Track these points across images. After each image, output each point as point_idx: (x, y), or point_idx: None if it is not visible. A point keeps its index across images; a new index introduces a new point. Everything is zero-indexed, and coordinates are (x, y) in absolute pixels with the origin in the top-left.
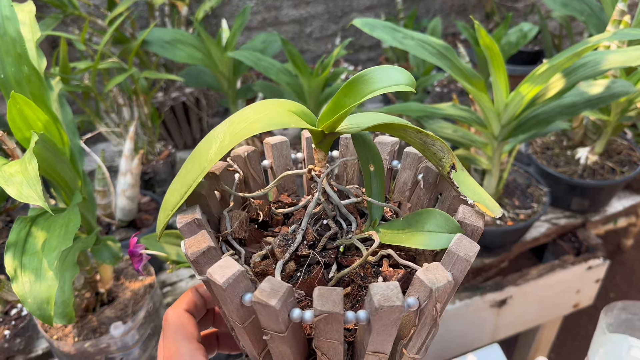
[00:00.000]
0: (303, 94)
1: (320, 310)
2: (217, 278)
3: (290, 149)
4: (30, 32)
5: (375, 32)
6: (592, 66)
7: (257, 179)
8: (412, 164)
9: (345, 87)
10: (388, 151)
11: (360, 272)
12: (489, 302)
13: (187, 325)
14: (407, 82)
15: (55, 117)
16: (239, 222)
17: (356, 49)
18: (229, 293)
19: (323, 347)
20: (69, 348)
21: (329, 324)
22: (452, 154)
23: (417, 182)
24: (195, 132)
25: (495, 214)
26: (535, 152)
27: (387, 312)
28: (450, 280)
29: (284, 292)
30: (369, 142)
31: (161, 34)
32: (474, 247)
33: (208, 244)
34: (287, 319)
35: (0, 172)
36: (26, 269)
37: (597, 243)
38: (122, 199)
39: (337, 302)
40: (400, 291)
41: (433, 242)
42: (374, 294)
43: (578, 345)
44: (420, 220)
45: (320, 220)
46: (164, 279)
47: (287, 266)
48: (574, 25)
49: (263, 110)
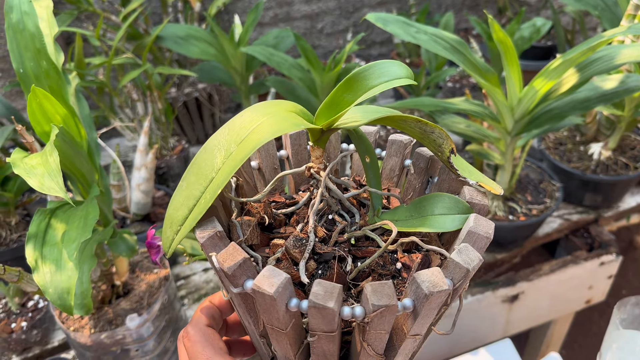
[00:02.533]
0: (315, 89)
1: (378, 305)
2: (266, 289)
3: (275, 148)
4: (48, 27)
5: (389, 26)
6: (606, 61)
7: (249, 181)
8: (399, 151)
9: (345, 83)
10: (371, 140)
11: (380, 261)
12: (500, 297)
13: (215, 341)
14: (406, 75)
15: (73, 111)
16: (251, 228)
17: (368, 45)
18: (278, 301)
19: (371, 338)
20: (85, 339)
21: (383, 316)
22: (450, 139)
23: (403, 167)
24: (208, 128)
25: (498, 191)
26: (548, 148)
27: (436, 297)
28: (481, 258)
29: (338, 293)
30: (361, 135)
31: (175, 30)
32: (490, 224)
33: (243, 256)
34: (339, 319)
35: (22, 164)
36: (47, 260)
37: (610, 239)
38: (136, 193)
39: (391, 295)
40: (444, 276)
41: (447, 224)
42: (421, 282)
43: (590, 341)
44: (428, 205)
45: (324, 216)
46: (178, 272)
47: (309, 265)
48: (587, 20)
49: (264, 114)
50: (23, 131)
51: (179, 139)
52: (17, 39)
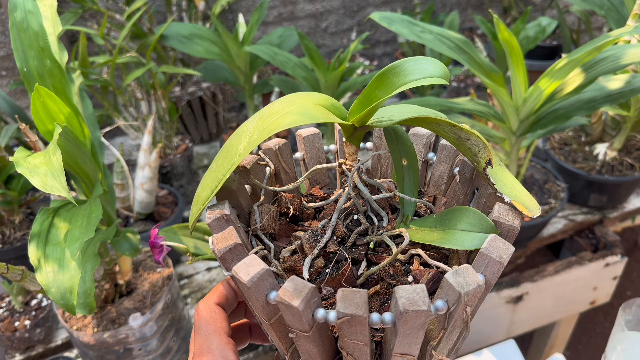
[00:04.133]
0: (319, 88)
1: (344, 313)
2: (241, 276)
3: (322, 141)
4: (52, 25)
5: (393, 25)
6: (612, 61)
7: (289, 172)
8: (448, 157)
9: (376, 80)
10: (423, 143)
11: (390, 270)
12: (505, 298)
13: (218, 319)
14: (440, 74)
15: (77, 110)
16: (269, 216)
17: (372, 44)
18: (253, 291)
19: (348, 347)
20: (88, 338)
21: (352, 326)
22: (488, 148)
23: (453, 176)
24: (212, 127)
25: (532, 214)
26: (553, 148)
27: (412, 317)
28: (480, 284)
29: (308, 292)
30: (401, 135)
31: (179, 29)
32: (507, 248)
33: (235, 241)
34: (311, 319)
35: (25, 163)
36: (49, 259)
37: (615, 240)
38: (140, 192)
39: (360, 304)
40: (427, 295)
41: (466, 242)
42: (399, 297)
43: (594, 342)
44: (453, 218)
45: (350, 215)
46: (181, 271)
47: (316, 262)
48: (593, 20)
49: (292, 104)
50: (26, 130)
51: (183, 138)
52: (21, 38)
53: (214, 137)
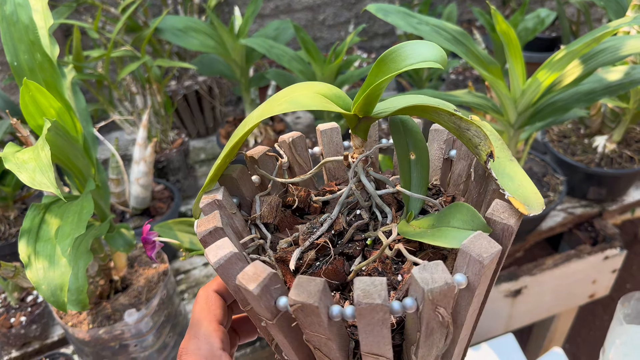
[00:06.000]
0: (315, 81)
1: (295, 300)
2: (210, 257)
3: (340, 135)
4: (42, 19)
5: (389, 17)
6: (612, 52)
7: (304, 166)
8: (467, 154)
9: (376, 67)
10: (444, 139)
11: (379, 267)
12: (503, 291)
13: (212, 306)
14: (437, 59)
15: (68, 104)
16: (269, 206)
17: (370, 37)
18: (221, 273)
19: (313, 340)
20: (83, 334)
21: (307, 315)
22: (489, 140)
23: (470, 174)
24: (208, 121)
25: (530, 212)
26: (552, 141)
27: (368, 310)
28: (449, 282)
29: (266, 277)
30: (411, 127)
31: (174, 22)
32: (491, 247)
33: (215, 225)
34: (273, 307)
35: (13, 158)
36: (40, 256)
37: (614, 233)
38: (135, 187)
39: (313, 293)
40: (385, 288)
41: (455, 240)
42: (355, 289)
43: (593, 335)
44: (448, 215)
45: (354, 210)
46: (178, 266)
47: (307, 255)
48: (593, 11)
49: (294, 91)
50: (18, 125)
51: (179, 132)
52: (11, 31)
53: (211, 131)
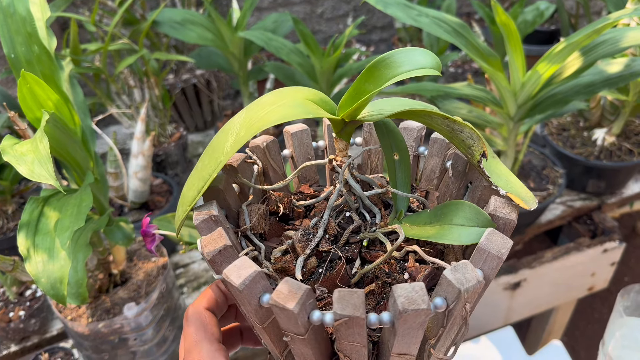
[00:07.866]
0: (315, 74)
1: (341, 315)
2: (233, 279)
3: (310, 137)
4: (40, 11)
5: (389, 9)
6: (611, 44)
7: (278, 170)
8: (440, 151)
9: (366, 72)
10: (414, 137)
11: (385, 268)
12: (502, 284)
13: (208, 325)
14: (432, 65)
15: (66, 97)
16: (258, 216)
17: (369, 30)
18: (245, 295)
19: (345, 349)
20: (82, 328)
21: (350, 327)
22: (482, 140)
23: (445, 169)
24: (206, 115)
25: (529, 206)
26: (551, 133)
27: (412, 316)
28: (480, 279)
29: (303, 294)
30: (392, 129)
31: (171, 15)
32: (506, 242)
33: (225, 243)
34: (306, 322)
35: (12, 151)
36: (39, 249)
37: (613, 226)
38: (134, 181)
39: (358, 305)
40: (426, 293)
41: (462, 237)
42: (397, 297)
43: (592, 328)
44: (448, 212)
45: (342, 213)
46: (177, 260)
47: (309, 262)
48: (592, 4)
49: (279, 99)
50: (15, 118)
51: (177, 126)
52: (8, 23)
53: (209, 125)
